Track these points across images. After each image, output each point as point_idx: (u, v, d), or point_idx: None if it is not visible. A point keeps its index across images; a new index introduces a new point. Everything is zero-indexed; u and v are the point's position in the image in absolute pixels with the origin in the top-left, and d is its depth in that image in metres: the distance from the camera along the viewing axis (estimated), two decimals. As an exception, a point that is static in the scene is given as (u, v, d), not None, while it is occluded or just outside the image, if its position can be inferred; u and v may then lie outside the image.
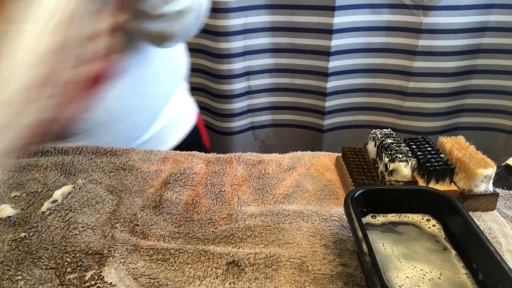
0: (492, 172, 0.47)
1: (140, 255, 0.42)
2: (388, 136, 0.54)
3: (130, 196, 0.50)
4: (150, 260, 0.41)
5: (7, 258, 0.41)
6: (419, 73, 1.30)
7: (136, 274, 0.39)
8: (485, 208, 0.49)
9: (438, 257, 0.39)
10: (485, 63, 1.30)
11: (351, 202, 0.40)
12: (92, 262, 0.40)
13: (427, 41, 1.25)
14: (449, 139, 0.54)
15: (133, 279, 0.39)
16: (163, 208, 0.49)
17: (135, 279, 0.39)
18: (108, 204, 0.49)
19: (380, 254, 0.39)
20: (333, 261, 0.41)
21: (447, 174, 0.49)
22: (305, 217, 0.47)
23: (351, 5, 1.24)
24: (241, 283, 0.38)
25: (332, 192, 0.52)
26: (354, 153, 0.55)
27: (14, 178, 0.53)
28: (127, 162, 0.57)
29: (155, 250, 0.42)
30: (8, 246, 0.42)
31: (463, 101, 1.37)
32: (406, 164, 0.48)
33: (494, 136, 1.40)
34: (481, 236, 0.37)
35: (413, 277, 0.36)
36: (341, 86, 1.36)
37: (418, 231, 0.42)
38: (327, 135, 1.40)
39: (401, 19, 1.25)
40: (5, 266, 0.40)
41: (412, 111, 1.38)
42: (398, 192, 0.44)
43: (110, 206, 0.49)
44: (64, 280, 0.39)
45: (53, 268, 0.40)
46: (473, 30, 1.24)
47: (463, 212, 0.40)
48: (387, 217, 0.43)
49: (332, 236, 0.44)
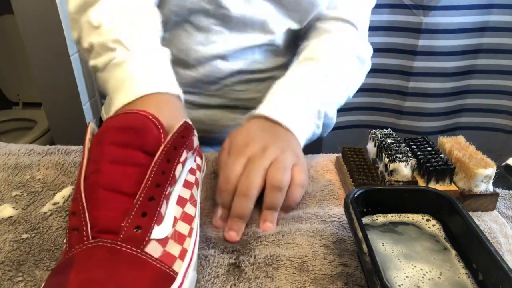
0: (492, 172, 0.47)
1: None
2: (388, 136, 0.54)
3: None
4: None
5: (8, 258, 0.41)
6: (419, 73, 1.31)
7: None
8: (485, 208, 0.49)
9: (438, 257, 0.39)
10: (485, 63, 1.30)
11: (351, 202, 0.40)
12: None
13: (427, 41, 1.25)
14: (449, 139, 0.54)
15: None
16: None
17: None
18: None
19: (380, 254, 0.39)
20: (333, 261, 0.41)
21: (447, 174, 0.49)
22: (303, 220, 0.47)
23: (351, 5, 1.24)
24: (241, 284, 0.38)
25: (332, 192, 0.52)
26: (354, 153, 0.55)
27: (14, 177, 0.53)
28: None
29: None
30: (10, 246, 0.42)
31: (463, 101, 1.37)
32: (406, 164, 0.48)
33: (494, 136, 1.40)
34: (481, 236, 0.37)
35: (413, 276, 0.36)
36: (341, 86, 1.36)
37: (418, 231, 0.42)
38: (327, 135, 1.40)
39: (401, 19, 1.25)
40: (6, 266, 0.40)
41: (412, 111, 1.38)
42: (398, 192, 0.44)
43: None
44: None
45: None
46: (473, 30, 1.24)
47: (463, 212, 0.40)
48: (387, 217, 0.43)
49: (332, 237, 0.44)
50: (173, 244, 0.35)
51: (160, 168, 0.36)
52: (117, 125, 0.37)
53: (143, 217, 0.34)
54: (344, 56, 0.68)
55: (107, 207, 0.33)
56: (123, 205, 0.34)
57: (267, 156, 0.48)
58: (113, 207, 0.33)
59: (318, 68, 0.64)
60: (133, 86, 0.46)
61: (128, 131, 0.36)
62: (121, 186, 0.34)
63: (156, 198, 0.35)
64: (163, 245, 0.34)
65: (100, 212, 0.33)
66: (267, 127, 0.54)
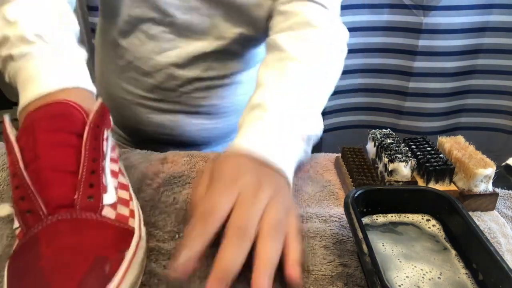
0: (492, 172, 0.47)
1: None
2: (388, 136, 0.54)
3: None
4: (149, 260, 0.41)
5: (6, 252, 0.41)
6: (419, 73, 1.31)
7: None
8: (485, 208, 0.49)
9: (438, 257, 0.39)
10: (485, 63, 1.30)
11: (351, 202, 0.40)
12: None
13: (427, 41, 1.25)
14: (448, 139, 0.54)
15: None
16: (161, 208, 0.49)
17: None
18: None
19: (380, 254, 0.39)
20: (333, 261, 0.41)
21: (447, 174, 0.49)
22: (304, 219, 0.47)
23: (351, 5, 1.24)
24: (241, 285, 0.38)
25: (331, 192, 0.52)
26: (354, 153, 0.55)
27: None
28: (127, 162, 0.57)
29: (154, 250, 0.42)
30: (7, 241, 0.43)
31: (463, 101, 1.37)
32: (406, 164, 0.48)
33: (494, 136, 1.40)
34: (481, 236, 0.37)
35: (413, 277, 0.36)
36: (341, 86, 1.36)
37: (418, 231, 0.42)
38: (327, 135, 1.40)
39: (401, 19, 1.25)
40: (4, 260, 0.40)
41: (412, 111, 1.38)
42: (397, 192, 0.44)
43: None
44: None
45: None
46: (473, 30, 1.24)
47: (463, 212, 0.40)
48: (387, 217, 0.43)
49: (332, 237, 0.44)
50: (121, 207, 0.40)
51: (91, 145, 0.40)
52: (46, 114, 0.41)
53: (91, 188, 0.38)
54: (326, 53, 0.58)
55: (57, 186, 0.37)
56: (70, 181, 0.38)
57: (261, 199, 0.37)
58: (62, 184, 0.37)
59: (302, 77, 0.53)
60: (49, 79, 0.46)
61: (57, 117, 0.41)
62: (64, 166, 0.38)
63: (96, 171, 0.40)
64: (114, 208, 0.39)
65: (50, 191, 0.37)
66: (257, 163, 0.43)
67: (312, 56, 0.56)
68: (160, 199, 0.50)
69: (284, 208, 0.38)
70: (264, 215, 0.36)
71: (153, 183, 0.53)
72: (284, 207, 0.38)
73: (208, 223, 0.35)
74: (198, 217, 0.36)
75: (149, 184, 0.53)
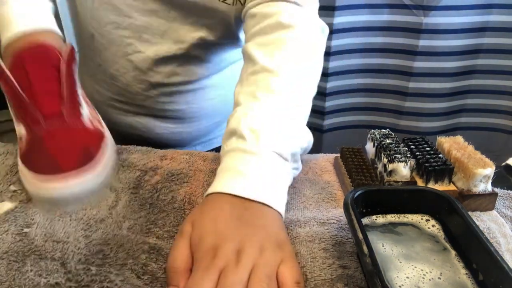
0: (491, 172, 0.47)
1: (140, 252, 0.42)
2: (387, 137, 0.54)
3: (127, 193, 0.51)
4: (149, 259, 0.41)
5: (11, 249, 0.42)
6: (419, 73, 1.31)
7: (138, 272, 0.40)
8: (484, 208, 0.49)
9: (438, 257, 0.39)
10: (485, 63, 1.30)
11: (350, 203, 0.40)
12: (95, 258, 0.41)
13: (427, 41, 1.25)
14: (447, 139, 0.54)
15: (136, 277, 0.39)
16: (159, 206, 0.49)
17: (138, 278, 0.39)
18: (106, 202, 0.49)
19: (380, 254, 0.39)
20: (333, 264, 0.41)
21: (446, 174, 0.49)
22: (302, 223, 0.47)
23: (351, 5, 1.24)
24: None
25: (330, 194, 0.52)
26: (353, 154, 0.55)
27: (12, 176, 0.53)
28: (126, 159, 0.57)
29: (153, 249, 0.42)
30: (12, 238, 0.43)
31: (463, 101, 1.37)
32: (405, 165, 0.48)
33: (494, 136, 1.40)
34: (481, 236, 0.37)
35: (413, 277, 0.36)
36: (341, 86, 1.36)
37: (417, 231, 0.42)
38: (327, 135, 1.40)
39: (401, 19, 1.25)
40: (10, 256, 0.40)
41: (412, 111, 1.38)
42: (397, 193, 0.44)
43: (108, 202, 0.49)
44: (70, 270, 0.39)
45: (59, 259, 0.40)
46: (473, 30, 1.24)
47: (462, 212, 0.40)
48: (387, 217, 0.43)
49: (331, 239, 0.44)
50: (94, 117, 0.55)
51: (67, 74, 0.53)
52: (31, 53, 0.53)
53: (72, 103, 0.52)
54: (302, 56, 0.55)
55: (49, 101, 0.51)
56: (57, 100, 0.51)
57: (244, 265, 0.36)
58: (52, 101, 0.51)
59: (278, 89, 0.51)
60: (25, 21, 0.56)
61: (40, 55, 0.53)
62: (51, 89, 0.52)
63: (74, 93, 0.53)
64: (90, 117, 0.54)
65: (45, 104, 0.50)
66: (238, 210, 0.41)
67: (286, 64, 0.53)
68: (158, 197, 0.50)
69: (269, 271, 0.37)
70: (251, 277, 0.36)
71: (151, 180, 0.53)
72: (269, 271, 0.37)
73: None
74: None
75: (148, 181, 0.53)
